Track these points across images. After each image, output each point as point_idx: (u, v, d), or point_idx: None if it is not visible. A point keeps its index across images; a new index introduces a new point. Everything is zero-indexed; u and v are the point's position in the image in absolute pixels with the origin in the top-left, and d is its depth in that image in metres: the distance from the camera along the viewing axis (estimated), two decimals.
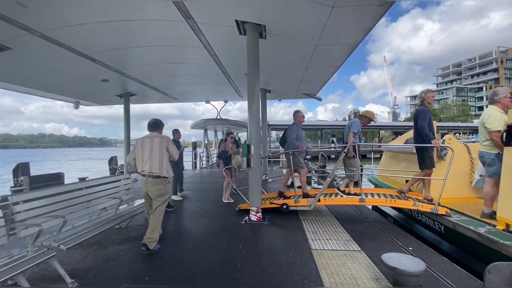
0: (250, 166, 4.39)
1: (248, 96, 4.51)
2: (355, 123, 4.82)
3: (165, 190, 3.42)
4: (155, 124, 3.68)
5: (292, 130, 5.08)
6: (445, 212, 3.82)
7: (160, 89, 9.78)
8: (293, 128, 5.11)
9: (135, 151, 3.52)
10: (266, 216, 4.61)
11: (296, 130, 5.08)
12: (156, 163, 3.36)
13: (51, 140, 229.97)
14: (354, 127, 4.78)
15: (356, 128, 4.75)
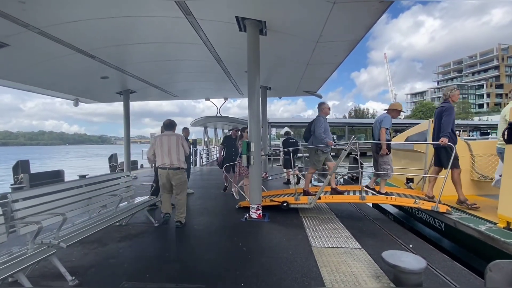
0: (250, 163, 4.38)
1: (248, 93, 4.48)
2: (386, 118, 4.58)
3: (184, 178, 4.23)
4: (169, 124, 4.37)
5: (319, 123, 4.72)
6: (445, 210, 3.82)
7: (159, 86, 9.75)
8: (320, 121, 4.75)
9: (154, 148, 4.17)
10: (266, 213, 4.61)
11: (323, 123, 4.76)
12: (175, 157, 4.10)
13: (51, 138, 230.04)
14: (386, 122, 4.54)
15: (388, 123, 4.53)
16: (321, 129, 4.67)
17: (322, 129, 4.68)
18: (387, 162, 4.52)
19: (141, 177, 10.44)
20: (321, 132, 4.65)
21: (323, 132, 4.67)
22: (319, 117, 4.85)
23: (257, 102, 4.47)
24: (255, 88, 4.44)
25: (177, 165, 4.09)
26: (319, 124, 4.73)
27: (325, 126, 4.77)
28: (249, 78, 4.46)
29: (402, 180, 5.35)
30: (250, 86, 4.45)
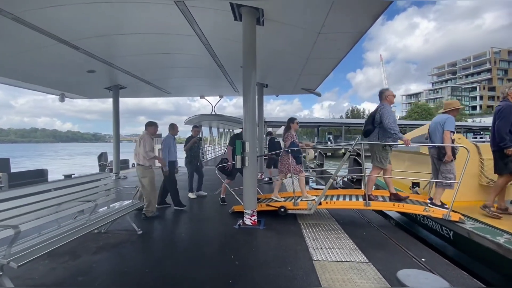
0: (245, 164, 3.99)
1: (244, 89, 4.10)
2: (449, 120, 3.88)
3: (142, 174, 4.54)
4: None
5: (387, 112, 3.97)
6: (458, 218, 3.49)
7: (151, 82, 9.29)
8: (388, 109, 4.02)
9: None
10: (261, 219, 4.23)
11: (391, 112, 4.04)
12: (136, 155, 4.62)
13: (44, 135, 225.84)
14: (450, 124, 3.85)
15: (452, 125, 3.86)
16: (390, 118, 3.93)
17: (392, 119, 3.94)
18: (451, 171, 3.83)
19: (131, 177, 9.95)
20: (392, 122, 3.90)
21: (394, 123, 3.93)
22: (385, 106, 4.07)
23: (252, 99, 4.09)
24: (250, 83, 4.05)
25: (137, 161, 4.56)
26: (387, 113, 3.97)
27: (394, 117, 4.08)
28: (244, 72, 4.07)
29: (407, 184, 5.02)
30: (246, 81, 4.06)
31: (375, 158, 4.15)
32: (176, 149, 5.32)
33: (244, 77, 4.06)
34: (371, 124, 4.19)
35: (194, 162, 6.16)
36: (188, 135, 6.88)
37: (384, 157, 4.07)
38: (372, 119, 4.19)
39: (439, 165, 3.96)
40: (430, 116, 60.75)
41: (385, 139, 4.04)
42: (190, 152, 6.17)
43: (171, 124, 5.59)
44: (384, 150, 4.09)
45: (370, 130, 4.21)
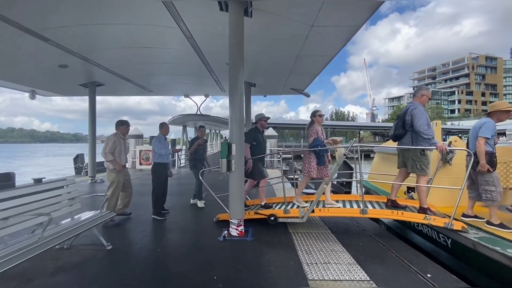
0: (231, 169, 3.59)
1: (230, 86, 3.72)
2: (486, 125, 3.38)
3: (109, 176, 4.39)
4: None
5: (420, 113, 3.50)
6: (461, 227, 3.25)
7: (131, 79, 8.69)
8: (421, 110, 3.55)
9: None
10: (249, 228, 3.85)
11: (425, 113, 3.56)
12: None
13: (21, 135, 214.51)
14: (486, 129, 3.35)
15: (488, 131, 3.34)
16: (423, 121, 3.46)
17: (425, 121, 3.48)
18: (491, 182, 3.32)
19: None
20: (425, 125, 3.45)
21: (427, 126, 3.47)
22: (417, 106, 3.61)
23: (240, 97, 3.71)
24: (237, 80, 3.68)
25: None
26: (419, 114, 3.50)
27: (427, 118, 3.56)
28: (231, 68, 3.69)
29: (402, 189, 4.78)
30: (232, 77, 3.69)
31: (415, 166, 3.61)
32: (167, 151, 4.86)
33: (231, 73, 3.68)
34: (402, 128, 3.71)
35: (199, 167, 5.46)
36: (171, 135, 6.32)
37: (425, 163, 3.59)
38: (402, 122, 3.71)
39: (476, 176, 3.52)
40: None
41: (419, 143, 3.57)
42: (195, 155, 5.54)
43: (161, 124, 5.10)
44: (423, 156, 3.59)
45: (401, 134, 3.73)
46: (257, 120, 4.63)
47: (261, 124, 4.62)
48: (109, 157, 4.21)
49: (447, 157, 4.27)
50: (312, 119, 4.37)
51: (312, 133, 4.22)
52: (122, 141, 4.43)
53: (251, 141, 4.42)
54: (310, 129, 4.28)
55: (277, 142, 15.01)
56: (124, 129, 4.53)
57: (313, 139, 4.16)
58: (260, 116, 4.61)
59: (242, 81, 3.73)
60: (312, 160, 4.09)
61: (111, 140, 4.28)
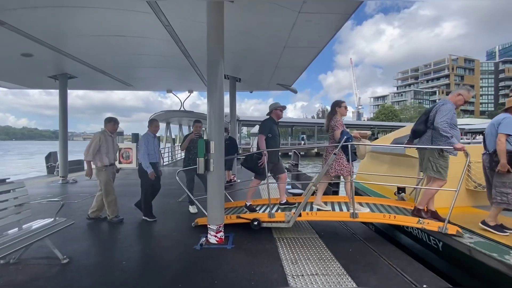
0: (209, 169, 3.22)
1: (208, 76, 3.34)
2: (506, 120, 3.06)
3: (98, 176, 4.18)
4: None
5: (447, 110, 3.14)
6: (455, 231, 3.04)
7: (107, 72, 8.06)
8: (448, 108, 3.17)
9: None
10: (230, 234, 3.50)
11: (451, 112, 3.17)
12: None
13: None
14: (506, 125, 3.04)
15: (510, 127, 3.03)
16: (446, 117, 3.10)
17: (447, 120, 3.11)
18: (509, 184, 3.00)
19: (82, 181, 8.65)
20: (445, 122, 3.09)
21: (448, 124, 3.11)
22: (447, 102, 3.24)
23: (220, 89, 3.33)
24: (217, 70, 3.30)
25: None
26: (445, 111, 3.13)
27: (453, 118, 3.20)
28: (210, 56, 3.31)
29: (391, 190, 4.58)
30: (211, 67, 3.31)
31: (431, 167, 3.27)
32: (157, 149, 4.47)
33: (209, 61, 3.29)
34: (423, 124, 3.34)
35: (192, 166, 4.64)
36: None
37: (443, 166, 3.23)
38: (425, 118, 3.34)
39: (492, 176, 3.21)
40: (396, 118, 64.52)
41: (438, 143, 3.24)
42: (189, 154, 4.86)
43: (150, 120, 4.61)
44: (442, 157, 3.23)
45: (421, 131, 3.39)
46: (272, 110, 4.11)
47: (277, 114, 4.10)
48: (88, 157, 4.06)
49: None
50: (335, 110, 3.78)
51: (339, 125, 3.64)
52: (109, 139, 4.24)
53: (267, 133, 3.93)
54: (333, 121, 3.68)
55: None
56: (112, 126, 4.32)
57: (340, 132, 3.59)
58: (275, 106, 4.10)
59: (221, 71, 3.36)
60: (341, 156, 3.55)
61: (96, 139, 4.09)
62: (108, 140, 4.21)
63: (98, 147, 4.08)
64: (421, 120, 3.41)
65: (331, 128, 3.73)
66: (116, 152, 4.46)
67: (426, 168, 3.34)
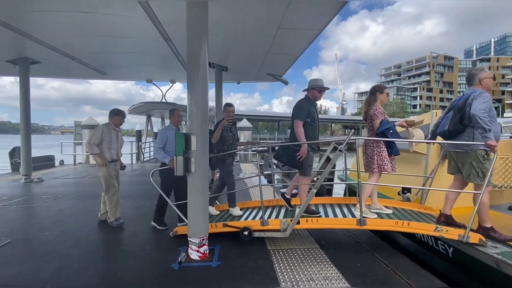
0: (189, 170, 2.62)
1: (188, 61, 2.72)
2: None
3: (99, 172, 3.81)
4: None
5: (485, 98, 2.68)
6: (478, 240, 2.64)
7: (77, 57, 7.11)
8: (486, 97, 2.71)
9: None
10: (215, 247, 2.94)
11: (490, 101, 2.74)
12: None
13: None
14: None
15: None
16: (484, 105, 2.63)
17: (487, 107, 2.65)
18: None
19: (50, 179, 7.74)
20: (483, 110, 2.61)
21: (488, 116, 2.63)
22: (479, 91, 2.75)
23: (203, 76, 2.72)
24: (200, 53, 2.69)
25: None
26: (481, 99, 2.66)
27: (492, 109, 2.72)
28: (190, 37, 2.69)
29: (395, 190, 4.17)
30: (192, 49, 2.69)
31: (475, 173, 2.76)
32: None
33: (189, 44, 2.67)
34: (459, 123, 2.75)
35: (229, 162, 3.79)
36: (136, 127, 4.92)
37: (487, 169, 2.69)
38: (460, 115, 2.77)
39: None
40: None
41: (478, 139, 2.72)
42: (222, 145, 3.77)
43: (171, 110, 3.88)
44: (487, 160, 2.72)
45: (458, 131, 2.82)
46: (309, 89, 3.36)
47: (313, 95, 3.35)
48: (94, 150, 3.70)
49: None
50: (376, 96, 3.26)
51: (379, 114, 3.16)
52: (113, 133, 3.90)
53: (305, 117, 3.21)
54: (373, 109, 3.18)
55: (251, 134, 14.11)
56: (119, 120, 3.98)
57: (380, 122, 3.12)
58: (315, 83, 3.35)
59: (205, 53, 2.74)
60: (383, 149, 3.13)
61: (99, 131, 3.77)
62: (112, 134, 3.86)
63: (99, 140, 3.73)
64: (456, 120, 2.83)
65: (370, 117, 3.25)
66: (121, 147, 4.10)
67: (469, 175, 2.84)
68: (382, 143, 3.14)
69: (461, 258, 2.84)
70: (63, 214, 4.36)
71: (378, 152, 3.15)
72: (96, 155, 3.74)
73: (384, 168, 3.11)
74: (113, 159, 3.88)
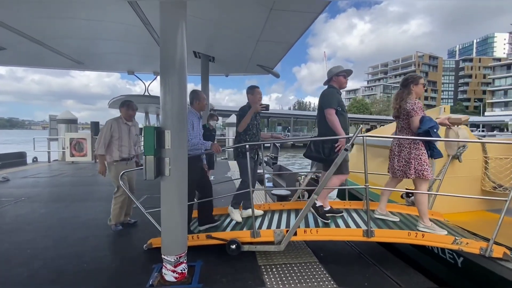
0: (163, 173, 2.12)
1: (161, 32, 2.21)
2: None
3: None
4: None
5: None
6: (502, 254, 2.29)
7: (47, 43, 6.33)
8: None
9: None
10: (196, 263, 2.47)
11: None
12: None
13: None
14: None
15: None
16: None
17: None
18: None
19: (17, 179, 6.98)
20: None
21: None
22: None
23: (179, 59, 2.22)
24: (177, 25, 2.18)
25: None
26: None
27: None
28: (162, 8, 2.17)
29: (398, 192, 3.81)
30: (166, 21, 2.18)
31: None
32: (201, 133, 3.12)
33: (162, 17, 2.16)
34: None
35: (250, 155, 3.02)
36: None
37: None
38: None
39: None
40: (367, 111, 67.08)
41: None
42: (245, 135, 3.14)
43: (192, 92, 3.22)
44: None
45: None
46: (332, 77, 3.04)
47: (339, 82, 3.01)
48: (99, 151, 3.35)
49: (458, 151, 3.38)
50: (410, 89, 2.76)
51: (419, 109, 2.64)
52: (124, 128, 3.50)
53: (337, 105, 2.86)
54: (411, 103, 2.67)
55: None
56: (124, 112, 3.53)
57: (421, 119, 2.63)
58: (337, 69, 3.03)
59: (182, 29, 2.23)
60: (422, 152, 2.64)
61: (106, 128, 3.42)
62: (122, 129, 3.47)
63: (109, 137, 3.38)
64: None
65: (406, 113, 2.71)
66: (135, 144, 3.68)
67: None
68: (421, 145, 2.65)
69: (476, 271, 2.51)
70: (20, 221, 3.75)
71: (416, 155, 2.65)
72: (99, 157, 3.37)
73: (423, 174, 2.61)
74: (123, 158, 3.45)
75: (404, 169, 2.74)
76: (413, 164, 2.66)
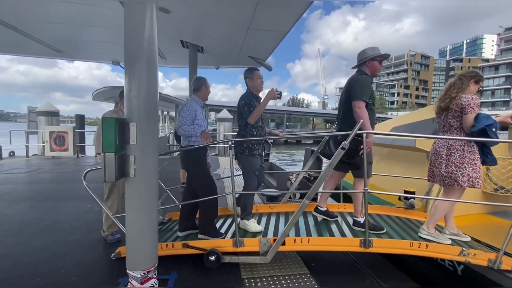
0: (127, 174, 1.78)
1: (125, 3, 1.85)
2: None
3: None
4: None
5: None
6: (511, 267, 2.05)
7: (20, 28, 5.79)
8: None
9: None
10: (169, 276, 2.15)
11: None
12: None
13: None
14: None
15: None
16: None
17: None
18: None
19: None
20: None
21: None
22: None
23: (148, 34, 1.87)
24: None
25: None
26: None
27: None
28: None
29: (395, 188, 3.56)
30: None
31: None
32: (205, 124, 2.73)
33: None
34: None
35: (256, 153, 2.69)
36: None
37: None
38: None
39: None
40: None
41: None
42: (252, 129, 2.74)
43: (196, 79, 2.84)
44: None
45: None
46: (367, 60, 2.53)
47: (374, 68, 2.54)
48: (98, 148, 2.89)
49: None
50: (468, 83, 2.32)
51: (476, 106, 2.21)
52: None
53: (368, 98, 2.41)
54: (469, 98, 2.23)
55: (232, 126, 13.23)
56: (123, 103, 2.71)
57: (476, 117, 2.20)
58: (373, 51, 2.53)
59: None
60: (477, 157, 2.25)
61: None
62: None
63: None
64: None
65: (460, 108, 2.26)
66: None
67: None
68: (476, 148, 2.26)
69: (477, 280, 2.30)
70: None
71: (471, 160, 2.24)
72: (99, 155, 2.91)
73: (476, 182, 2.23)
74: None
75: (455, 175, 2.26)
76: (467, 170, 2.23)
